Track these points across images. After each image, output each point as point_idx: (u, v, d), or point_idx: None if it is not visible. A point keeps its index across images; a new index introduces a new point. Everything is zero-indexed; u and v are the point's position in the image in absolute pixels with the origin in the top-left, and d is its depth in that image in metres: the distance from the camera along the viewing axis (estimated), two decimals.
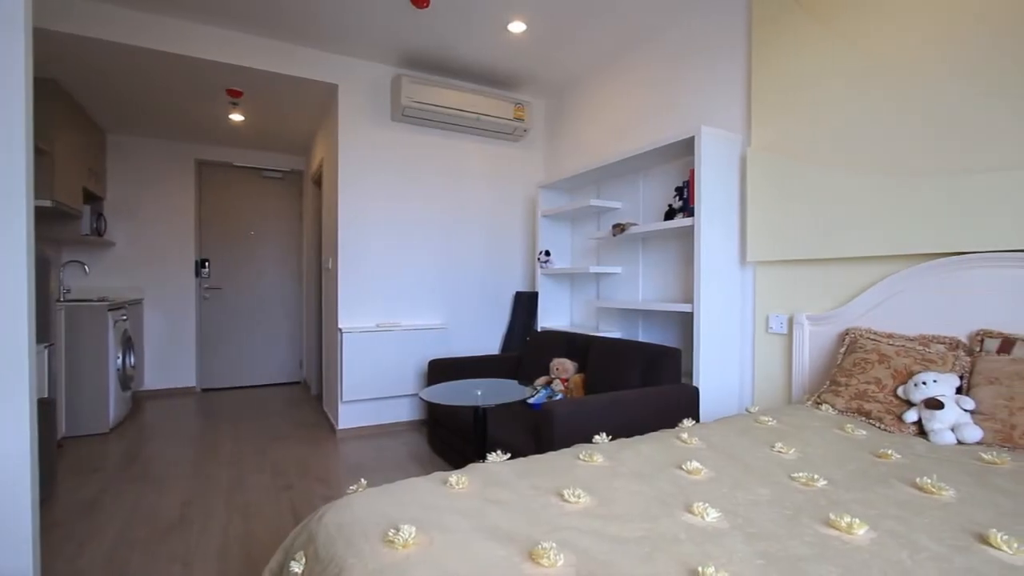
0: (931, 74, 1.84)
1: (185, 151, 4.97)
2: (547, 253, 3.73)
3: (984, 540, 0.94)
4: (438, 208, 3.88)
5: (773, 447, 1.47)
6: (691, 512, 1.06)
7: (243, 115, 4.17)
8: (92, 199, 4.42)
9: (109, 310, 3.63)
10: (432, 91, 3.52)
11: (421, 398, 2.32)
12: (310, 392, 5.02)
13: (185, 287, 5.00)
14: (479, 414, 2.27)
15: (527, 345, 3.38)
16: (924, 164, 1.86)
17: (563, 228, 3.91)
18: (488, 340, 4.11)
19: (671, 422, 2.01)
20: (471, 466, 1.32)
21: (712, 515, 1.04)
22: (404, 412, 3.73)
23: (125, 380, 3.91)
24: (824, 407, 1.88)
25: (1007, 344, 1.62)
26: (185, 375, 5.00)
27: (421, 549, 0.91)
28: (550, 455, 1.42)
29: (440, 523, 1.01)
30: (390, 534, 0.94)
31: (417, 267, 3.81)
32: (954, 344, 1.75)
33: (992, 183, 1.68)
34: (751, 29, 2.52)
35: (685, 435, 1.57)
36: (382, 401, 3.63)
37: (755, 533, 0.98)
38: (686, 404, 2.28)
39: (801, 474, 1.25)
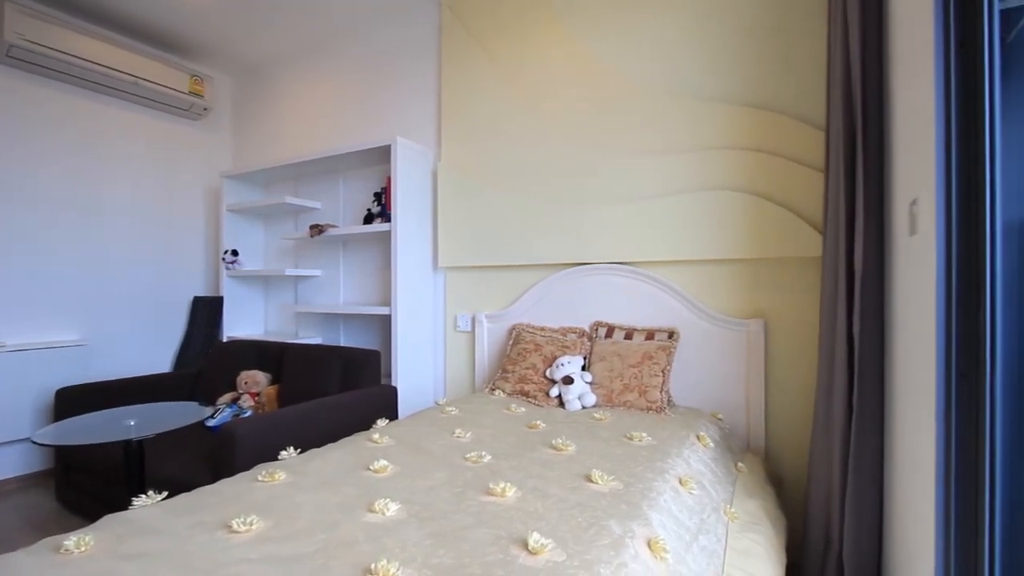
0: (561, 127, 2.39)
1: None
2: (235, 253, 3.29)
3: (589, 479, 1.26)
4: (79, 188, 2.98)
5: (453, 433, 1.64)
6: (372, 511, 1.09)
7: None
8: None
9: None
10: (62, 33, 2.69)
11: (33, 442, 1.72)
12: None
13: None
14: (132, 449, 1.83)
15: (209, 359, 2.90)
16: (562, 196, 2.38)
17: (255, 226, 3.51)
18: (155, 356, 3.36)
19: (370, 425, 2.02)
20: (105, 518, 1.05)
21: (392, 509, 1.09)
22: (15, 464, 2.72)
23: None
24: (497, 392, 2.20)
25: (610, 331, 2.22)
26: None
27: None
28: (221, 483, 1.25)
29: None
30: None
31: (41, 264, 2.83)
32: (581, 333, 2.29)
33: (598, 215, 2.28)
34: (441, 53, 2.77)
35: (377, 435, 1.60)
36: None
37: (428, 516, 1.07)
38: (385, 404, 2.34)
39: (472, 453, 1.43)
